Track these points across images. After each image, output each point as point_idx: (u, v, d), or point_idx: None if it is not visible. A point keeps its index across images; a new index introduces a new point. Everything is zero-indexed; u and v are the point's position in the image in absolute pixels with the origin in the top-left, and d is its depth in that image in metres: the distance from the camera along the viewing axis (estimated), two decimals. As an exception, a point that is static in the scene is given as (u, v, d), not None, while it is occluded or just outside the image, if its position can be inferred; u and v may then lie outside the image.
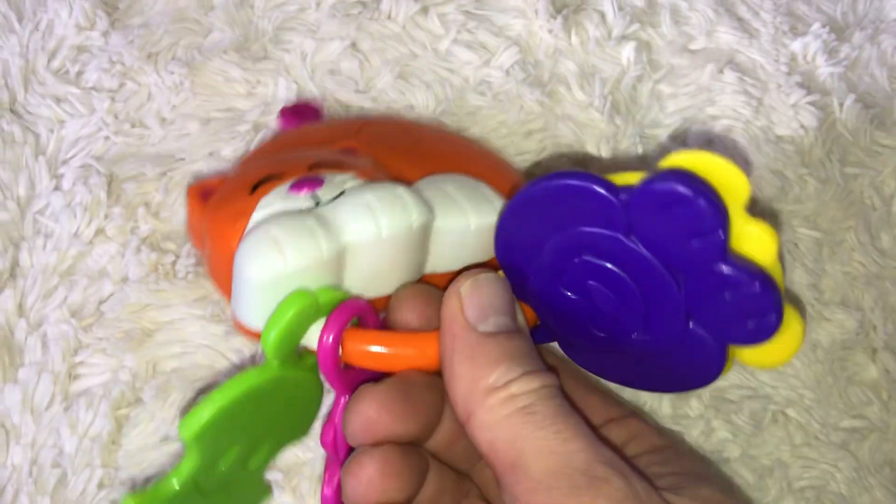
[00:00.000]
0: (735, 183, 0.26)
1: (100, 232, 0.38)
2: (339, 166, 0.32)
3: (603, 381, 0.34)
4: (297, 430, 0.32)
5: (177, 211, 0.39)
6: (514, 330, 0.28)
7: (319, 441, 0.31)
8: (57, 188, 0.39)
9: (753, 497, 0.37)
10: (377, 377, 0.30)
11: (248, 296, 0.29)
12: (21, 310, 0.37)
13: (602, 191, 0.27)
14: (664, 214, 0.26)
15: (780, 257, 0.27)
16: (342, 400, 0.30)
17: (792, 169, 0.42)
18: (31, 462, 0.35)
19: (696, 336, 0.28)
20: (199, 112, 0.40)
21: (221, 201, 0.32)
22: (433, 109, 0.41)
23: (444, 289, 0.30)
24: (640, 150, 0.41)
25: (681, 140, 0.42)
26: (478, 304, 0.28)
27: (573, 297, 0.30)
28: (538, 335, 0.31)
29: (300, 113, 0.39)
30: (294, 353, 0.29)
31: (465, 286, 0.29)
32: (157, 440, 0.35)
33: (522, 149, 0.41)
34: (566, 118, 0.42)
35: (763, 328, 0.27)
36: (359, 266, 0.30)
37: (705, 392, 0.38)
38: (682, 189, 0.25)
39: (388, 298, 0.31)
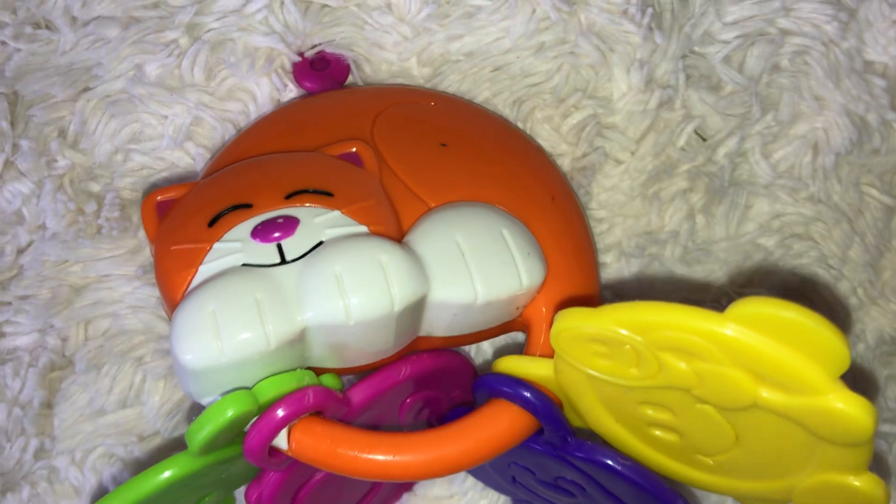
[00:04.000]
0: (829, 347, 0.20)
1: (9, 166, 0.32)
2: (324, 197, 0.26)
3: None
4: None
5: (98, 140, 0.32)
6: None
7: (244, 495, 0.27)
8: (-48, 112, 0.32)
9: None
10: None
11: (182, 374, 0.25)
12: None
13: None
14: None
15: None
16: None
17: (877, 112, 0.32)
18: (-42, 433, 0.32)
19: None
20: (118, 11, 0.32)
21: (174, 229, 0.26)
22: (416, 12, 0.32)
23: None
24: (680, 79, 0.32)
25: (737, 65, 0.32)
26: None
27: None
28: None
29: (319, 69, 0.32)
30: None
31: None
32: (92, 412, 0.32)
33: (530, 69, 0.32)
34: (590, 30, 0.32)
35: None
36: (325, 343, 0.25)
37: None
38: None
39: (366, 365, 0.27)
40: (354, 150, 0.28)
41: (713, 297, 0.32)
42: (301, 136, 0.29)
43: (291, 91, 0.32)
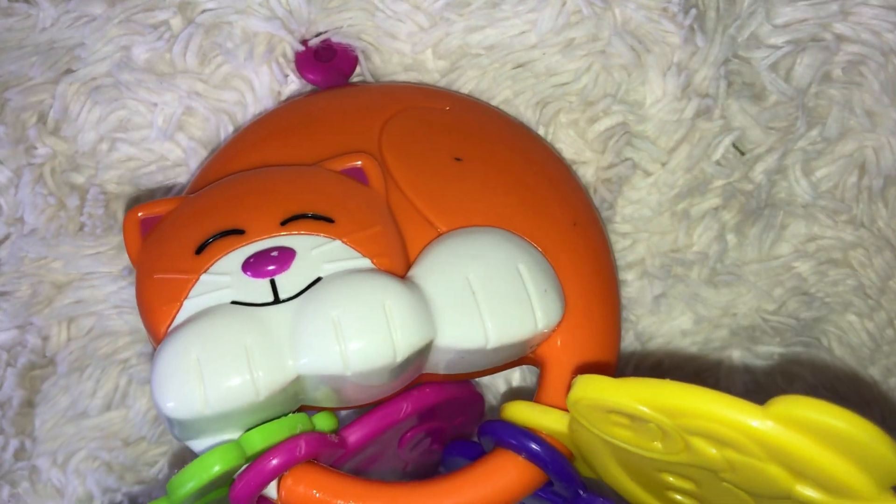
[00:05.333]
0: (881, 460, 0.18)
1: (-16, 153, 0.29)
2: (324, 223, 0.24)
3: None
4: None
5: (81, 127, 0.29)
6: None
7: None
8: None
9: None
10: None
11: (164, 419, 0.23)
12: None
13: None
14: None
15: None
16: None
17: (933, 132, 0.29)
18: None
19: None
20: (103, -16, 0.29)
21: (159, 255, 0.24)
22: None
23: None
24: (720, 88, 0.29)
25: (784, 73, 0.29)
26: None
27: None
28: None
29: (324, 59, 0.29)
30: None
31: None
32: (75, 414, 0.31)
33: (556, 67, 0.29)
34: (625, 28, 0.29)
35: None
36: (320, 388, 0.23)
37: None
38: None
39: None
40: (360, 164, 0.25)
41: (738, 322, 0.30)
42: (301, 145, 0.26)
43: (293, 83, 0.29)
